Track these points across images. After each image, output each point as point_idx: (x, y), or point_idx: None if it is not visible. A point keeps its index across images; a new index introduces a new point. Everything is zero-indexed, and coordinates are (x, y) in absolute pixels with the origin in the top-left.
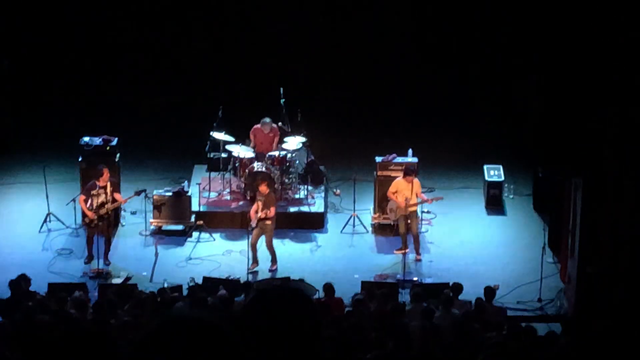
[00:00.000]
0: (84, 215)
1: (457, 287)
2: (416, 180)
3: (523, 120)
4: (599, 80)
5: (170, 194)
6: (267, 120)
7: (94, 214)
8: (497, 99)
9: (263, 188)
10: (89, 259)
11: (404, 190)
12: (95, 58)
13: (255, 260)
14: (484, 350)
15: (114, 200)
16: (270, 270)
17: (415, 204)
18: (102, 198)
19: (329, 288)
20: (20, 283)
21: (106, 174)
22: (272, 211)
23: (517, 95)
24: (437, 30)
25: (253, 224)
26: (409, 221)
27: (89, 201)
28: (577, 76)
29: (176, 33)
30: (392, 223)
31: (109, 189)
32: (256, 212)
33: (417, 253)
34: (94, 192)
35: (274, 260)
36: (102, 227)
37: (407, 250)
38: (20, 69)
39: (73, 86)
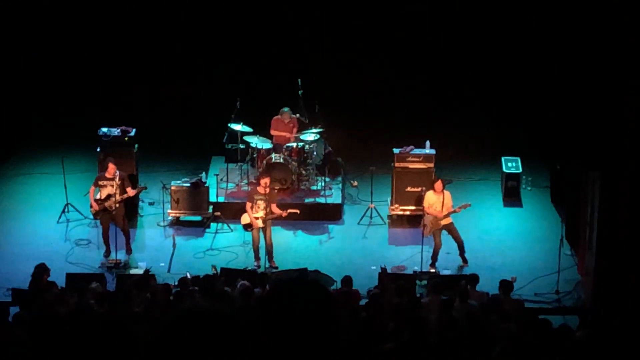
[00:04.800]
0: (90, 205)
1: (473, 278)
2: (447, 192)
3: (541, 113)
4: (618, 72)
5: (188, 185)
6: (286, 109)
7: (98, 205)
8: (516, 91)
9: (265, 182)
10: (107, 253)
11: (434, 203)
12: (114, 49)
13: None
14: (500, 342)
15: (123, 192)
16: (273, 267)
17: (447, 216)
18: (108, 190)
19: (347, 281)
20: (40, 274)
21: (111, 167)
22: (276, 208)
23: (536, 87)
24: (455, 23)
25: (260, 224)
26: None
27: (98, 192)
28: (596, 69)
29: (195, 24)
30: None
31: (117, 181)
32: (255, 212)
33: (464, 261)
34: (100, 182)
35: (272, 255)
36: (116, 218)
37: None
38: (38, 59)
39: (92, 77)
